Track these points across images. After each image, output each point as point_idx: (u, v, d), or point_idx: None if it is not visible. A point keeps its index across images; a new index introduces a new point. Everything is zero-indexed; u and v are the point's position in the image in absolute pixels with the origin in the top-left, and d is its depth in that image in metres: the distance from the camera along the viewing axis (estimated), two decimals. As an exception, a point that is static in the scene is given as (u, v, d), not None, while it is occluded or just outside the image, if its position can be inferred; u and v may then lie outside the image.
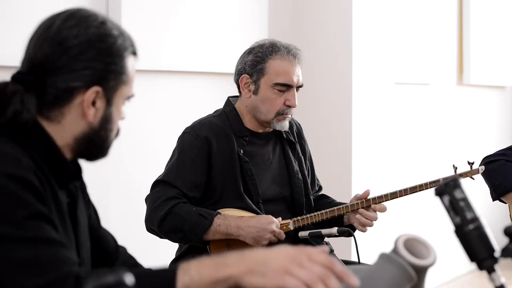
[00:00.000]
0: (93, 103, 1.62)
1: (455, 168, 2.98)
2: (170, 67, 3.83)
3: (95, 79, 1.61)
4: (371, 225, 2.89)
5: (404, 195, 2.93)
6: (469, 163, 2.99)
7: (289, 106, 2.87)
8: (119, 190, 3.62)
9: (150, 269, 1.54)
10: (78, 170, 1.72)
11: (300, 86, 2.91)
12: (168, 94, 3.85)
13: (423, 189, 2.93)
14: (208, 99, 3.60)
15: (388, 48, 4.71)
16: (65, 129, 1.62)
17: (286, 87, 2.86)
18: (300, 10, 4.57)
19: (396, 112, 4.95)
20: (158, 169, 2.91)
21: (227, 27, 4.11)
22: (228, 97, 3.01)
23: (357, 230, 2.92)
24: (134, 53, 1.69)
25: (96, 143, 1.67)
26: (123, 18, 3.53)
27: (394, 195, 2.92)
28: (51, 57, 1.59)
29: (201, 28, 3.96)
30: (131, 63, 1.67)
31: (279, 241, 2.83)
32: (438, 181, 2.95)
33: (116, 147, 3.72)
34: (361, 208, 2.88)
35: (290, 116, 2.91)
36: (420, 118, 5.47)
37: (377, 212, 2.89)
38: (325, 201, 3.09)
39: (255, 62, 2.88)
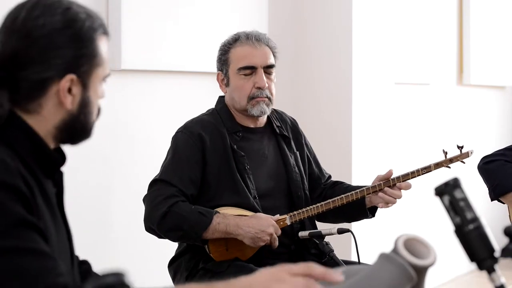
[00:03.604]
0: (69, 90, 1.59)
1: (445, 153, 2.94)
2: (170, 67, 3.83)
3: (68, 67, 1.58)
4: (394, 203, 2.89)
5: (398, 182, 2.89)
6: (458, 147, 2.94)
7: (259, 88, 2.87)
8: (119, 189, 3.61)
9: None
10: (63, 156, 1.69)
11: (270, 66, 2.91)
12: (168, 94, 3.85)
13: (415, 176, 2.91)
14: (208, 99, 3.58)
15: (388, 48, 4.71)
16: (45, 119, 1.60)
17: (250, 69, 2.88)
18: (300, 10, 4.57)
19: (396, 112, 4.95)
20: (158, 169, 2.91)
21: (227, 27, 4.10)
22: (220, 96, 3.03)
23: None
24: (105, 33, 1.65)
25: (77, 128, 1.64)
26: (123, 18, 3.53)
27: (387, 184, 2.89)
28: (20, 50, 1.56)
29: (201, 28, 3.96)
30: (103, 44, 1.63)
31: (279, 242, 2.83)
32: (429, 167, 2.94)
33: (117, 147, 3.71)
34: (381, 189, 2.87)
35: (265, 98, 2.89)
36: (420, 118, 5.47)
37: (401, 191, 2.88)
38: (341, 187, 3.06)
39: (221, 56, 2.96)
